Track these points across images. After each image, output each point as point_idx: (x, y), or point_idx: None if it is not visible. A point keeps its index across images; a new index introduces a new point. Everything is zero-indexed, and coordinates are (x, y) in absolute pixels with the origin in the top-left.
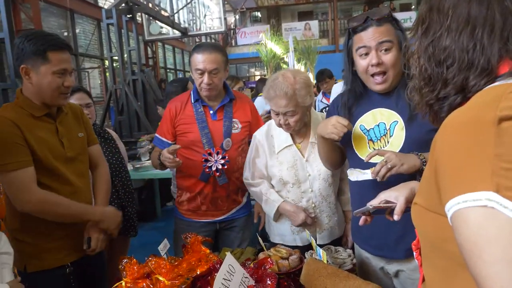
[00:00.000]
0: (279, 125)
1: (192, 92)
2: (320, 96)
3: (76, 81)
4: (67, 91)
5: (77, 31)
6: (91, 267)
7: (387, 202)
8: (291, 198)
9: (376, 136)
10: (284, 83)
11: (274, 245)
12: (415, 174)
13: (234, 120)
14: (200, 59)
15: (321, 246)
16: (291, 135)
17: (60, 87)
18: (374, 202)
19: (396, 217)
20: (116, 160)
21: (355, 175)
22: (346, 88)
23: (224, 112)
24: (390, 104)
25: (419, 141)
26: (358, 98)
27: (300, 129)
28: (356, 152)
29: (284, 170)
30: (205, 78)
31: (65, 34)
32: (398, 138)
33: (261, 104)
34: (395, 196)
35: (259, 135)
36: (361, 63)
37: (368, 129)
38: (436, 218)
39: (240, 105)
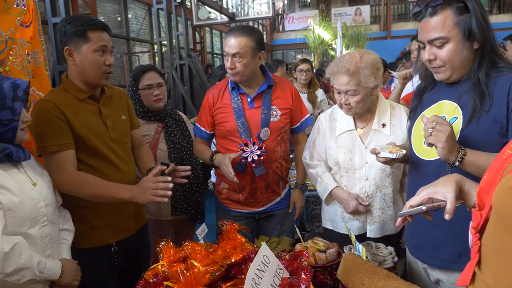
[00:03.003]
0: (340, 105)
1: (229, 80)
2: None
3: (127, 65)
4: (109, 70)
5: (129, 16)
6: (135, 247)
7: (430, 199)
8: (344, 183)
9: None
10: (349, 60)
11: (314, 234)
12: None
13: (273, 107)
14: (227, 42)
15: (371, 239)
16: (354, 120)
17: (102, 66)
18: (415, 201)
19: (447, 216)
20: (187, 143)
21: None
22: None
23: (263, 99)
24: (455, 97)
25: (473, 141)
26: (432, 86)
27: (363, 114)
28: (412, 145)
29: (341, 154)
30: (228, 62)
31: (118, 19)
32: None
33: None
34: (442, 192)
35: (322, 116)
36: (422, 55)
37: None
38: None
39: (280, 91)
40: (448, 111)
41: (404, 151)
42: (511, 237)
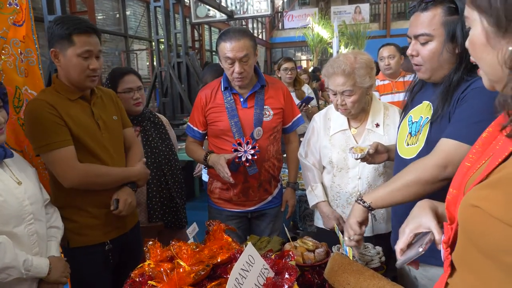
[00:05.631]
0: (336, 107)
1: (222, 80)
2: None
3: (125, 62)
4: (94, 74)
5: (127, 13)
6: (128, 245)
7: (415, 235)
8: (337, 182)
9: (414, 131)
10: (344, 61)
11: (306, 234)
12: None
13: (265, 107)
14: (229, 47)
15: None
16: (348, 120)
17: (86, 70)
18: (403, 243)
19: (439, 247)
20: (166, 147)
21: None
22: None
23: (255, 99)
24: (433, 98)
25: (437, 142)
26: (421, 86)
27: (357, 114)
28: (396, 143)
29: (335, 153)
30: (236, 67)
31: (117, 16)
32: (423, 136)
33: None
34: (424, 224)
35: (317, 116)
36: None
37: (413, 122)
38: (508, 230)
39: (272, 91)
40: (425, 112)
41: (365, 152)
42: (478, 252)
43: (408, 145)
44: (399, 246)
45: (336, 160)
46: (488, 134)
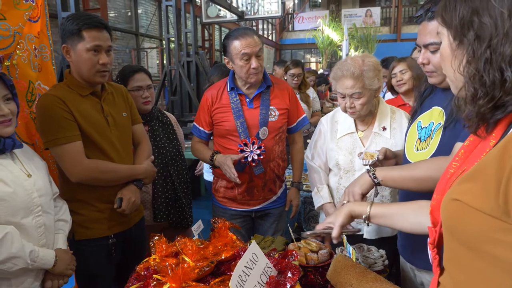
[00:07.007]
0: (344, 109)
1: (228, 80)
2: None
3: (135, 60)
4: (104, 69)
5: (139, 11)
6: (132, 240)
7: (330, 227)
8: (344, 184)
9: (424, 136)
10: (352, 64)
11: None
12: None
13: (271, 107)
14: (245, 44)
15: (367, 240)
16: (355, 122)
17: (96, 65)
18: (321, 227)
19: (334, 241)
20: (173, 148)
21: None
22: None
23: (261, 99)
24: (444, 103)
25: (451, 145)
26: (430, 91)
27: (365, 117)
28: (405, 148)
29: (341, 155)
30: (253, 62)
31: (129, 14)
32: (435, 142)
33: None
34: (334, 223)
35: (324, 119)
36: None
37: (422, 127)
38: (486, 219)
39: (278, 91)
40: (437, 117)
41: (376, 158)
42: (460, 245)
43: (417, 150)
44: (318, 226)
45: (343, 162)
46: (470, 142)
